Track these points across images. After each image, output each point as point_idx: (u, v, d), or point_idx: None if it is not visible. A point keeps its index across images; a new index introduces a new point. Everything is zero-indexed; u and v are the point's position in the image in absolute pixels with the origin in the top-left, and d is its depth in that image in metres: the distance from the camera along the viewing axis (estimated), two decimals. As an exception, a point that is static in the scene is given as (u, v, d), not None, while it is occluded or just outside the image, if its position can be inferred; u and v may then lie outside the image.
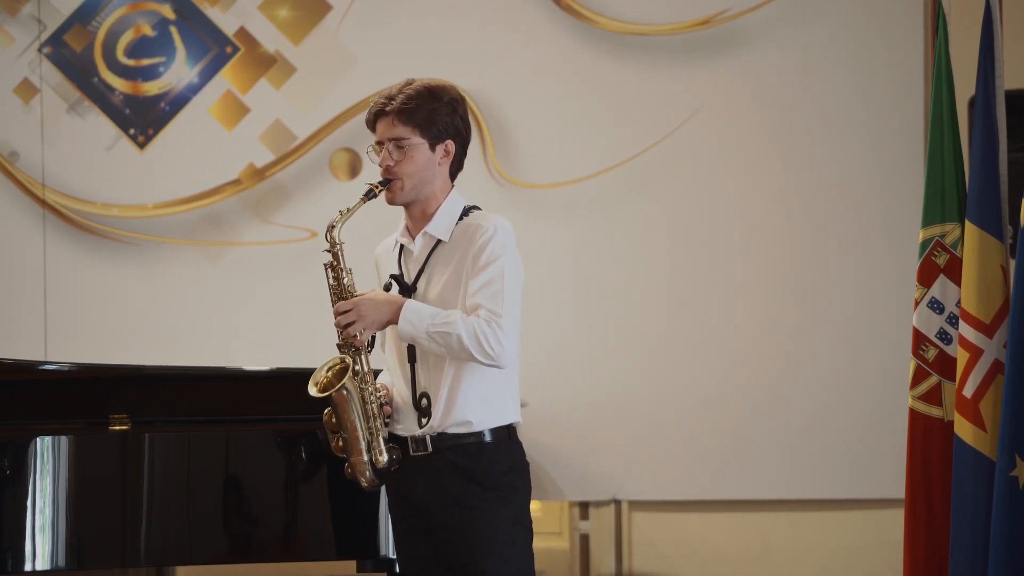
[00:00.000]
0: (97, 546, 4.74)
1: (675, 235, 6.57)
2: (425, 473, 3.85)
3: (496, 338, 3.78)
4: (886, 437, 6.28)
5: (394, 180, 3.90)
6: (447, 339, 3.78)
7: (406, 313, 3.81)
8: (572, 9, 6.63)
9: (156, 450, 4.81)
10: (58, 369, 5.05)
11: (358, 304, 3.89)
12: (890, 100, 6.52)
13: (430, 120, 3.90)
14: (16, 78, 6.68)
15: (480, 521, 3.80)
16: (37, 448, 4.68)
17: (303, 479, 4.93)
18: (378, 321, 3.86)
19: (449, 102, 3.94)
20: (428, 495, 3.85)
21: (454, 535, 3.82)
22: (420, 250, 3.93)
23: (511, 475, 3.87)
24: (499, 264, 3.84)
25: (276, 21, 6.69)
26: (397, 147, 3.90)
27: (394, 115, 3.91)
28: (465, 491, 3.82)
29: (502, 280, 3.84)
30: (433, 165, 3.92)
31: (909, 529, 4.55)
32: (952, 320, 4.49)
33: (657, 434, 6.54)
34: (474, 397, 3.85)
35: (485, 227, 3.87)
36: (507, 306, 3.82)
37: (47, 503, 4.67)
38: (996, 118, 4.41)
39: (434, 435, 3.84)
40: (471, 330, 3.77)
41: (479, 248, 3.84)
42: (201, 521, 4.82)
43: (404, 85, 3.97)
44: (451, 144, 3.93)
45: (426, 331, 3.79)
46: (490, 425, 3.86)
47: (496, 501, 3.82)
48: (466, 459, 3.83)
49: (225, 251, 6.69)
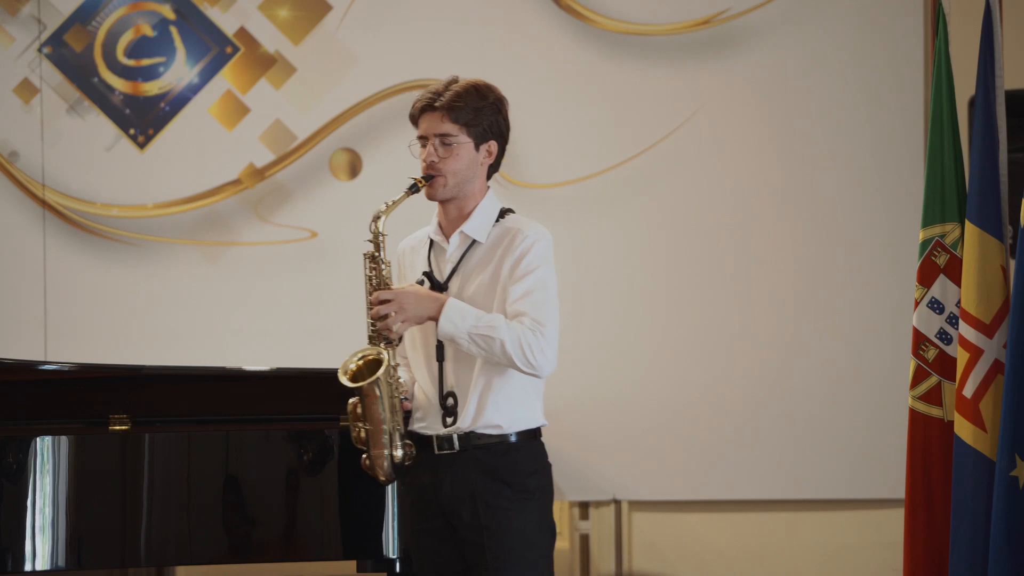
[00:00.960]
0: (97, 546, 4.74)
1: (675, 235, 6.57)
2: (451, 472, 3.83)
3: (540, 348, 3.78)
4: (886, 437, 6.28)
5: (437, 176, 3.89)
6: (489, 343, 3.76)
7: (448, 311, 3.78)
8: (572, 9, 6.63)
9: (156, 450, 4.81)
10: (58, 369, 5.05)
11: (400, 296, 3.83)
12: (890, 100, 6.52)
13: (476, 119, 3.89)
14: (16, 78, 6.68)
15: (506, 521, 3.79)
16: (37, 448, 4.68)
17: (303, 479, 4.93)
18: (419, 316, 3.81)
19: (494, 102, 3.93)
20: (454, 494, 3.82)
21: (479, 534, 3.80)
22: (454, 249, 3.91)
23: (537, 476, 3.86)
24: (541, 273, 3.84)
25: (276, 21, 6.69)
26: (443, 144, 3.88)
27: (443, 111, 3.88)
28: (492, 490, 3.80)
29: (544, 289, 3.83)
30: (476, 164, 3.91)
31: (909, 529, 4.55)
32: (952, 320, 4.49)
33: (657, 434, 6.54)
34: (504, 400, 3.83)
35: (527, 234, 3.86)
36: (550, 315, 3.82)
37: (47, 503, 4.67)
38: (996, 118, 4.41)
39: (461, 434, 3.82)
40: (515, 337, 3.76)
41: (520, 255, 3.83)
42: (201, 521, 4.82)
43: (450, 82, 3.94)
44: (494, 145, 3.93)
45: (468, 332, 3.76)
46: (519, 428, 3.85)
47: (523, 502, 3.81)
48: (494, 459, 3.81)
49: (225, 251, 6.69)
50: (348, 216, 6.65)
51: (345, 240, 6.66)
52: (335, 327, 6.58)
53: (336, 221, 6.66)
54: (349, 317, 6.59)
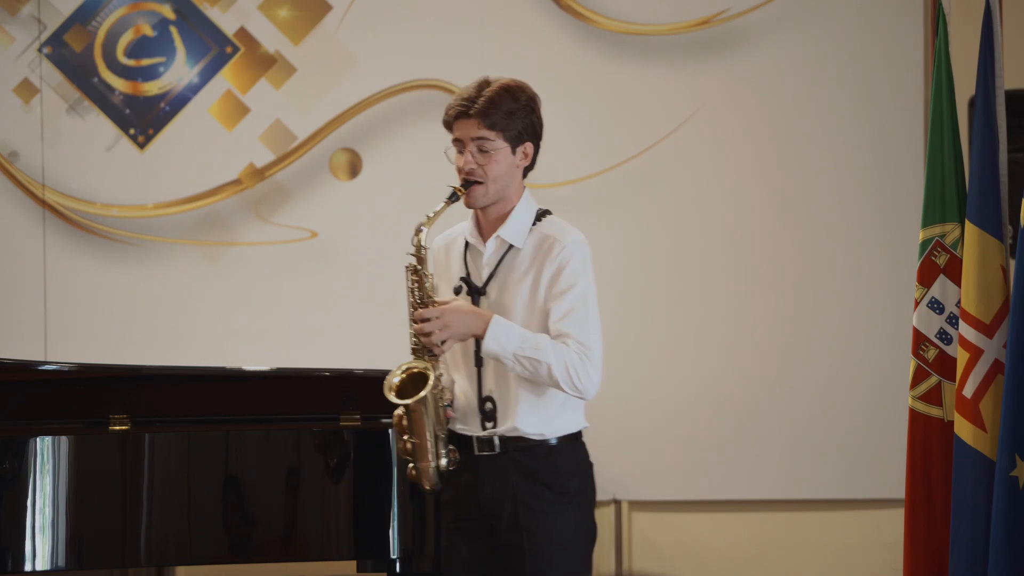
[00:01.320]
0: (97, 546, 4.74)
1: (674, 235, 6.57)
2: (492, 473, 3.80)
3: (586, 371, 3.77)
4: (886, 437, 6.28)
5: (475, 184, 3.83)
6: (535, 366, 3.74)
7: (494, 331, 3.74)
8: (572, 9, 6.63)
9: (156, 450, 4.81)
10: (58, 369, 5.05)
11: (445, 313, 3.76)
12: (890, 100, 6.52)
13: (512, 122, 3.83)
14: (16, 78, 6.68)
15: (546, 524, 3.77)
16: (37, 448, 4.68)
17: (303, 479, 4.93)
18: (463, 333, 3.77)
19: (527, 102, 3.87)
20: (494, 496, 3.80)
21: (519, 537, 3.77)
22: (492, 253, 3.87)
23: (578, 479, 3.84)
24: (580, 288, 3.81)
25: (276, 21, 6.69)
26: (480, 150, 3.82)
27: (477, 117, 3.81)
28: (532, 493, 3.78)
29: (585, 305, 3.81)
30: (513, 168, 3.86)
31: (909, 529, 4.55)
32: (952, 320, 4.49)
33: (657, 434, 6.54)
34: (544, 405, 3.81)
35: (564, 243, 3.83)
36: (594, 333, 3.81)
37: (47, 503, 4.67)
38: (996, 118, 4.41)
39: (503, 437, 3.80)
40: (562, 361, 3.74)
41: (558, 269, 3.80)
42: (201, 521, 4.82)
43: (482, 86, 3.87)
44: (529, 146, 3.87)
45: (513, 354, 3.73)
46: (559, 433, 3.83)
47: (564, 505, 3.80)
48: (534, 461, 3.79)
49: (225, 251, 6.69)
50: (348, 216, 6.65)
51: (345, 240, 6.66)
52: (335, 327, 6.59)
53: (336, 221, 6.66)
54: (349, 317, 6.62)
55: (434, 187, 6.63)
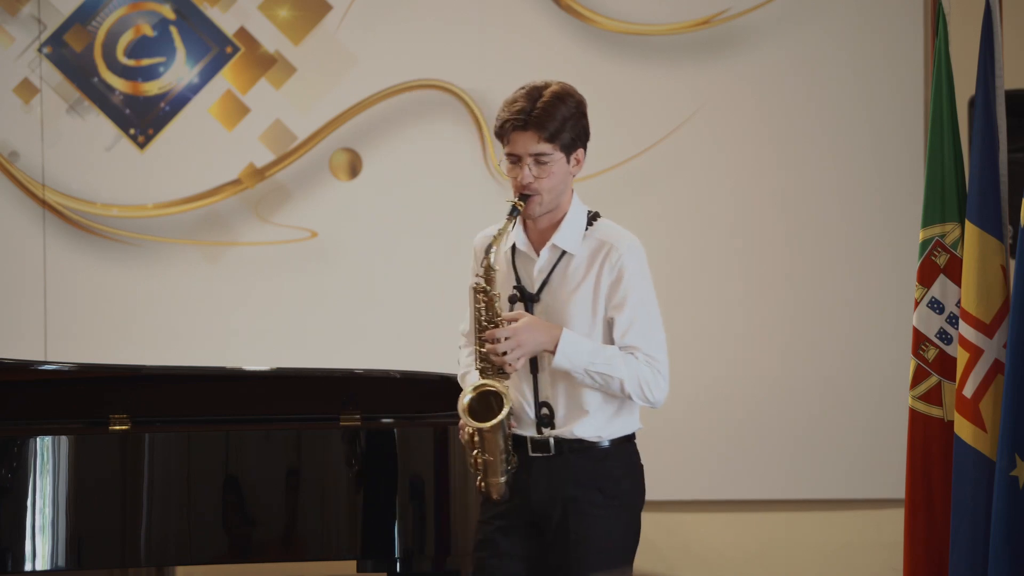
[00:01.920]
0: (97, 546, 4.74)
1: (674, 235, 6.57)
2: (545, 475, 3.79)
3: (658, 384, 3.79)
4: (886, 437, 6.28)
5: (533, 196, 3.78)
6: (607, 380, 3.74)
7: (564, 346, 3.72)
8: (572, 9, 6.63)
9: (156, 450, 4.80)
10: (58, 369, 5.05)
11: (517, 332, 3.72)
12: (890, 100, 6.52)
13: (565, 132, 3.78)
14: (16, 78, 6.68)
15: (597, 527, 3.76)
16: (37, 448, 4.68)
17: (303, 479, 4.93)
18: (534, 350, 3.75)
19: (576, 106, 3.83)
20: (547, 497, 3.78)
21: (567, 538, 3.76)
22: (545, 261, 3.83)
23: (630, 481, 3.84)
24: (639, 296, 3.81)
25: (276, 21, 6.69)
26: (537, 163, 3.77)
27: (535, 129, 3.76)
28: (585, 497, 3.77)
29: (647, 314, 3.81)
30: (567, 176, 3.82)
31: (909, 529, 4.54)
32: (952, 320, 4.49)
33: (657, 434, 6.51)
34: (600, 411, 3.80)
35: (621, 251, 3.82)
36: (659, 341, 3.81)
37: (47, 503, 4.67)
38: (996, 118, 4.40)
39: (558, 439, 3.79)
40: (634, 376, 3.75)
41: (617, 277, 3.80)
42: (201, 521, 4.82)
43: (534, 95, 3.81)
44: (581, 152, 3.84)
45: (585, 369, 3.73)
46: (614, 436, 3.83)
47: (616, 508, 3.79)
48: (588, 464, 3.79)
49: (225, 251, 6.69)
50: (348, 216, 6.65)
51: (345, 240, 6.66)
52: (335, 327, 6.59)
53: (336, 221, 6.66)
54: (349, 317, 6.62)
55: (434, 187, 6.67)
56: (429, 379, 5.18)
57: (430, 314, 6.44)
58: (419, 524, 4.98)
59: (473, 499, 4.71)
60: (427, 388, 5.18)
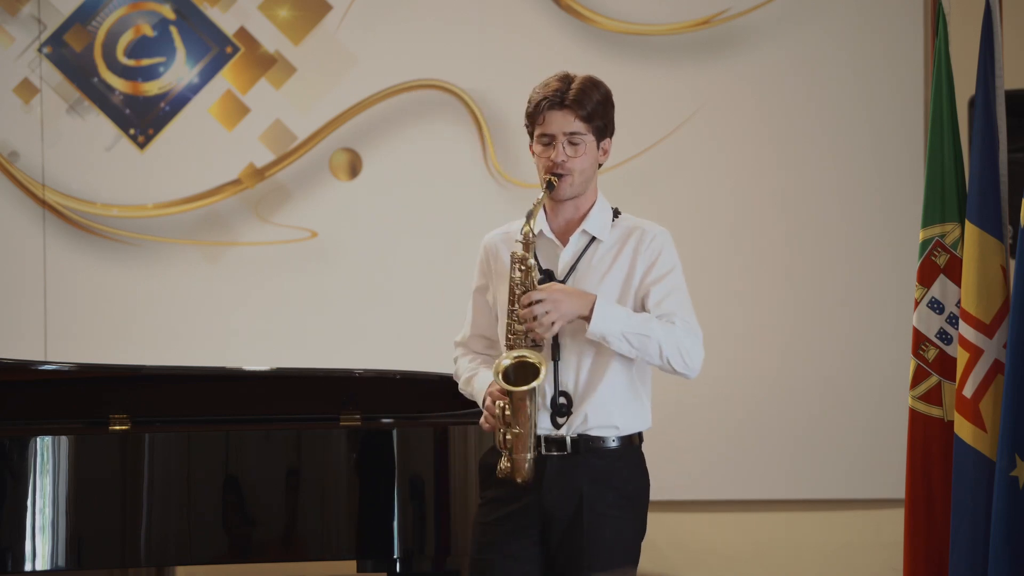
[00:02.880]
0: (97, 546, 4.74)
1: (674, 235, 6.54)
2: (559, 474, 3.77)
3: (697, 351, 3.83)
4: (886, 437, 6.28)
5: (565, 176, 3.79)
6: (644, 343, 3.73)
7: (600, 310, 3.71)
8: (572, 9, 6.63)
9: (156, 450, 4.80)
10: (58, 369, 5.05)
11: (552, 294, 3.71)
12: (890, 100, 6.52)
13: (599, 116, 3.82)
14: (16, 78, 6.68)
15: (608, 527, 3.76)
16: (37, 448, 4.68)
17: (303, 479, 4.93)
18: (571, 314, 3.72)
19: (607, 95, 3.88)
20: (563, 498, 3.76)
21: (579, 538, 3.75)
22: (573, 248, 3.83)
23: (640, 481, 3.86)
24: (677, 273, 3.84)
25: (276, 21, 6.69)
26: (571, 143, 3.79)
27: (571, 109, 3.79)
28: (597, 496, 3.77)
29: (683, 289, 3.84)
30: (596, 162, 3.86)
31: (909, 529, 4.54)
32: (952, 320, 4.49)
33: (656, 434, 6.51)
34: (616, 402, 3.80)
35: (655, 233, 3.86)
36: (693, 315, 3.84)
37: (47, 503, 4.67)
38: (996, 118, 4.40)
39: (574, 436, 3.78)
40: (673, 340, 3.76)
41: (654, 254, 3.82)
42: (201, 521, 4.82)
43: (566, 78, 3.85)
44: (608, 143, 3.88)
45: (622, 332, 3.72)
46: (633, 429, 3.84)
47: (627, 508, 3.80)
48: (601, 463, 3.78)
49: (225, 251, 6.69)
50: (348, 216, 6.65)
51: (345, 240, 6.66)
52: (335, 327, 6.59)
53: (336, 221, 6.66)
54: (349, 317, 6.62)
55: (434, 187, 6.67)
56: (429, 379, 5.18)
57: (430, 314, 6.45)
58: (419, 524, 4.97)
59: (473, 499, 4.71)
60: (427, 388, 5.18)
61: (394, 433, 4.97)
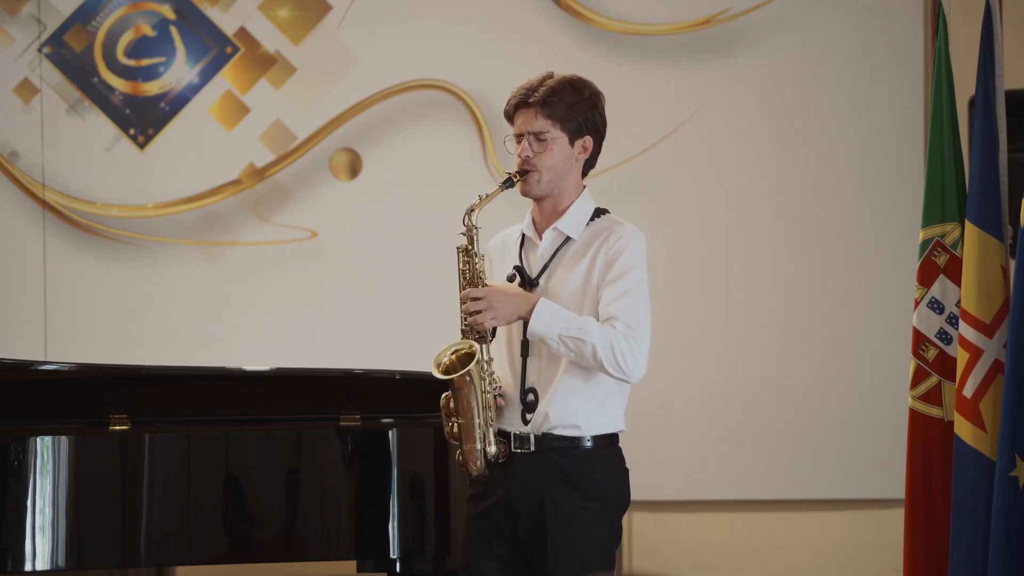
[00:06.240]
0: (97, 546, 4.74)
1: (674, 235, 6.57)
2: (524, 472, 3.77)
3: (632, 354, 3.75)
4: (886, 437, 6.28)
5: (531, 172, 3.84)
6: (580, 346, 3.72)
7: (540, 313, 3.73)
8: (572, 9, 6.63)
9: (156, 450, 4.80)
10: (58, 369, 5.05)
11: (491, 294, 3.76)
12: (890, 100, 6.52)
13: (571, 114, 3.85)
14: (16, 78, 6.68)
15: (577, 530, 3.75)
16: (37, 448, 4.68)
17: (303, 479, 4.93)
18: (509, 315, 3.76)
19: (590, 96, 3.90)
20: (526, 495, 3.77)
21: (544, 539, 3.75)
22: (547, 245, 3.86)
23: (611, 484, 3.82)
24: (634, 276, 3.81)
25: (276, 21, 6.69)
26: (537, 140, 3.84)
27: (536, 107, 3.85)
28: (564, 497, 3.75)
29: (637, 292, 3.81)
30: (570, 160, 3.87)
31: (909, 529, 4.54)
32: (952, 320, 4.49)
33: (657, 434, 6.54)
34: (586, 401, 3.79)
35: (620, 234, 3.83)
36: (643, 319, 3.80)
37: (47, 503, 4.67)
38: (996, 118, 4.40)
39: (539, 434, 3.77)
40: (607, 342, 3.72)
41: (613, 255, 3.80)
42: (201, 521, 4.82)
43: (545, 78, 3.90)
44: (589, 140, 3.90)
45: (559, 334, 3.72)
46: (597, 431, 3.80)
47: (594, 511, 3.77)
48: (569, 463, 3.77)
49: (225, 251, 6.69)
50: (348, 216, 6.66)
51: (345, 240, 6.66)
52: (335, 327, 6.59)
53: (336, 221, 6.66)
54: (349, 317, 6.62)
55: (434, 187, 6.67)
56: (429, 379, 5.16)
57: (430, 314, 6.43)
58: (419, 524, 4.97)
59: (473, 499, 4.71)
60: (427, 388, 5.15)
61: (394, 433, 4.97)
